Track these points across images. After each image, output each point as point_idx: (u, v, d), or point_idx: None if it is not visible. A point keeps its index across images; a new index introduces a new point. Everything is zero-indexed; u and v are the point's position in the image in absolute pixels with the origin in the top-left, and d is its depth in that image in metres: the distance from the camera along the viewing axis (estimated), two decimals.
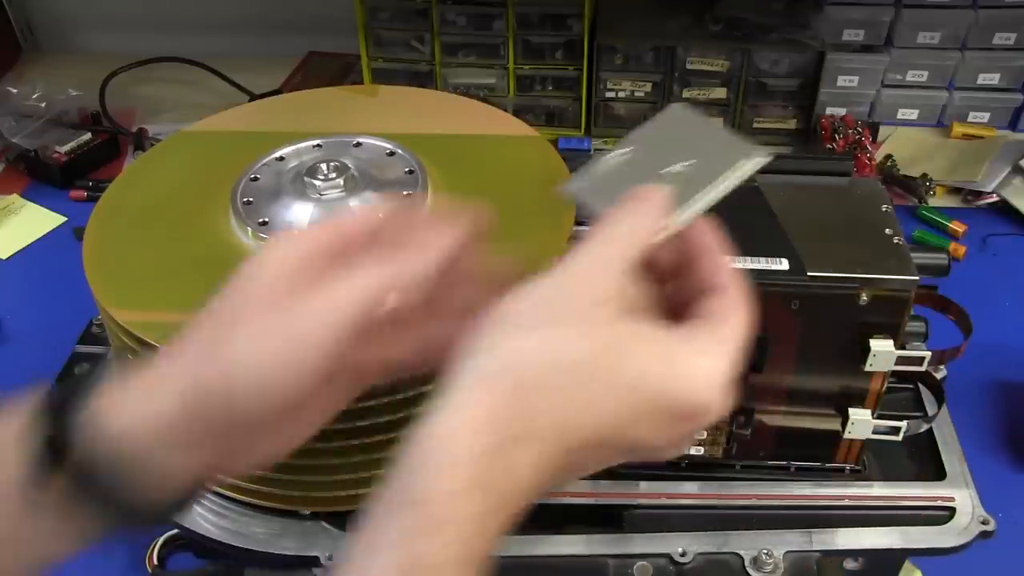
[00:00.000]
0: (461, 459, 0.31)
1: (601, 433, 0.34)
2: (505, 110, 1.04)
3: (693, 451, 0.55)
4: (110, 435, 0.36)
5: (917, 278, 0.49)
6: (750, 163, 0.40)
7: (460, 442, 0.32)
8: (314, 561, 0.54)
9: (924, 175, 1.04)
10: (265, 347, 0.36)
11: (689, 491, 0.56)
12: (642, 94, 1.12)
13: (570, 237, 0.54)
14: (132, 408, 0.37)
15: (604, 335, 0.34)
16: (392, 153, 0.63)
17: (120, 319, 0.52)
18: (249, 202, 0.58)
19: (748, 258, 0.49)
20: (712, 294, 0.37)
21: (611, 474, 0.57)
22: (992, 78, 1.11)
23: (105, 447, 0.36)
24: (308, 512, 0.56)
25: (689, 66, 1.09)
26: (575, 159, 0.66)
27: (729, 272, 0.38)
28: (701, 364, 0.35)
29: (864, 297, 0.49)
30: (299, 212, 0.57)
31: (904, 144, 1.10)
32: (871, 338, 0.50)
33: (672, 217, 0.39)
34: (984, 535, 0.54)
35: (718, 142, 0.41)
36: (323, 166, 0.58)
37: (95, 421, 0.36)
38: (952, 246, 0.97)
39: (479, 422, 0.32)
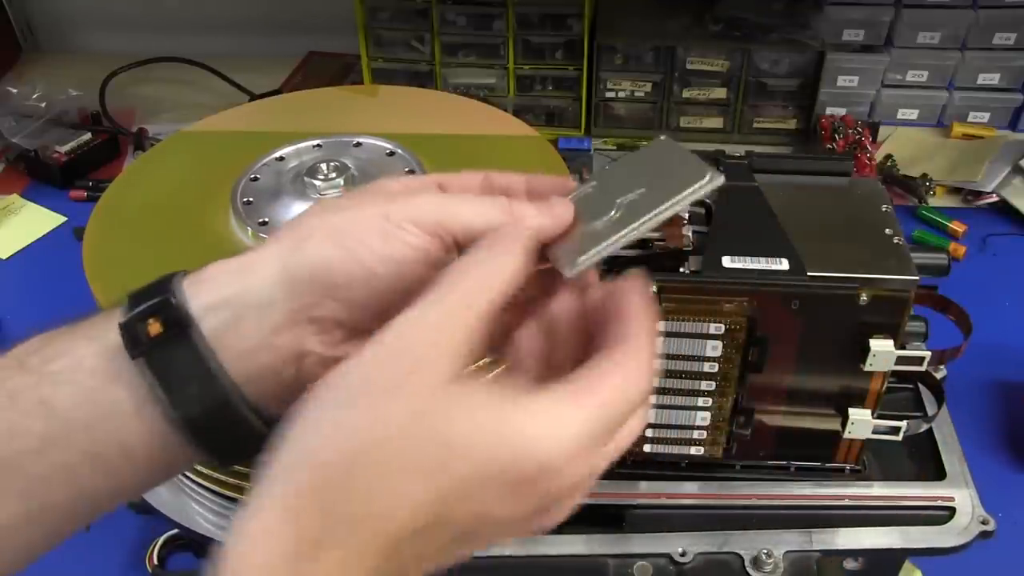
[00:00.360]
0: (257, 570, 0.29)
1: (422, 517, 0.30)
2: (505, 110, 1.04)
3: (693, 451, 0.56)
4: (203, 304, 0.36)
5: (917, 278, 0.49)
6: (693, 189, 0.38)
7: (257, 550, 0.29)
8: None
9: (924, 175, 1.04)
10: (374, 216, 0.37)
11: (689, 491, 0.56)
12: (642, 94, 1.12)
13: None
14: (227, 280, 0.37)
15: (420, 403, 0.30)
16: (392, 153, 0.63)
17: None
18: (249, 202, 0.58)
19: (748, 258, 0.49)
20: (601, 352, 0.34)
21: (611, 474, 0.57)
22: (992, 78, 1.11)
23: (199, 318, 0.36)
24: None
25: (689, 66, 1.09)
26: (575, 159, 0.66)
27: (631, 331, 0.35)
28: (541, 423, 0.31)
29: (864, 297, 0.49)
30: (299, 212, 0.56)
31: (904, 144, 1.10)
32: (871, 338, 0.50)
33: (573, 260, 0.37)
34: (984, 535, 0.54)
35: (678, 168, 0.40)
36: (323, 166, 0.58)
37: (184, 292, 0.37)
38: (952, 246, 0.97)
39: (274, 526, 0.29)
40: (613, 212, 0.39)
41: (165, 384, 0.36)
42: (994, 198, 1.03)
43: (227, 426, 0.36)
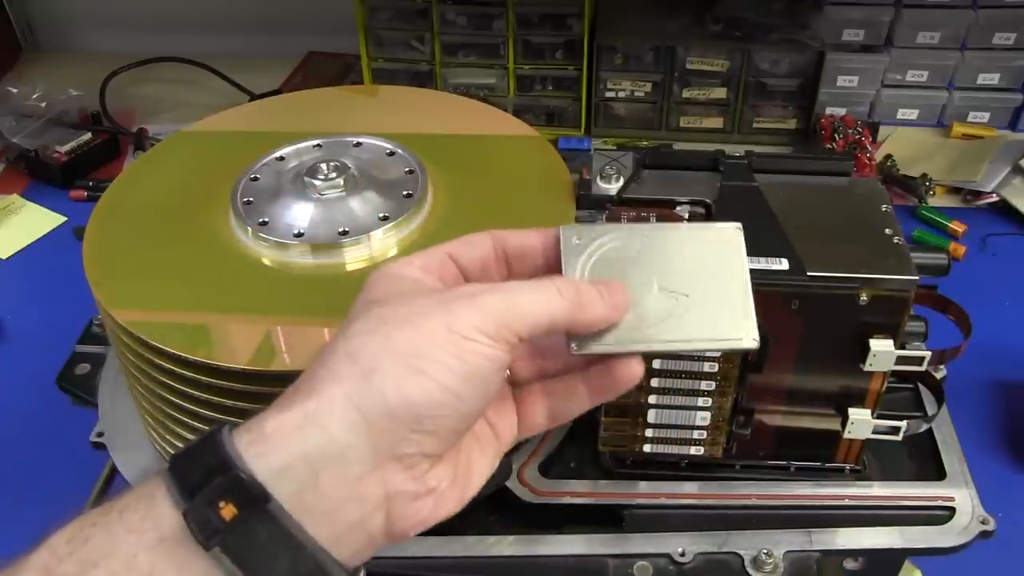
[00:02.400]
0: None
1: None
2: (505, 110, 1.04)
3: (693, 451, 0.55)
4: (273, 469, 0.33)
5: (917, 278, 0.49)
6: (724, 343, 0.39)
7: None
8: None
9: (924, 175, 1.04)
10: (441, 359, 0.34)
11: (689, 491, 0.56)
12: (642, 94, 1.12)
13: None
14: (293, 435, 0.33)
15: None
16: (392, 153, 0.63)
17: (120, 319, 0.52)
18: (249, 202, 0.58)
19: (748, 258, 0.49)
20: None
21: (611, 474, 0.57)
22: (992, 78, 1.11)
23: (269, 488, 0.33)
24: None
25: (689, 66, 1.09)
26: (575, 159, 0.66)
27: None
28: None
29: (864, 297, 0.49)
30: (299, 212, 0.57)
31: (904, 144, 1.10)
32: (871, 338, 0.50)
33: (587, 341, 0.38)
34: (984, 535, 0.54)
35: (724, 300, 0.39)
36: (323, 166, 0.58)
37: (245, 457, 0.33)
38: (952, 246, 0.97)
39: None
40: (643, 296, 0.39)
41: (249, 569, 0.32)
42: (994, 198, 1.03)
43: None
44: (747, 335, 0.38)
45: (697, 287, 0.39)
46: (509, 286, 0.37)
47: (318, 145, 0.63)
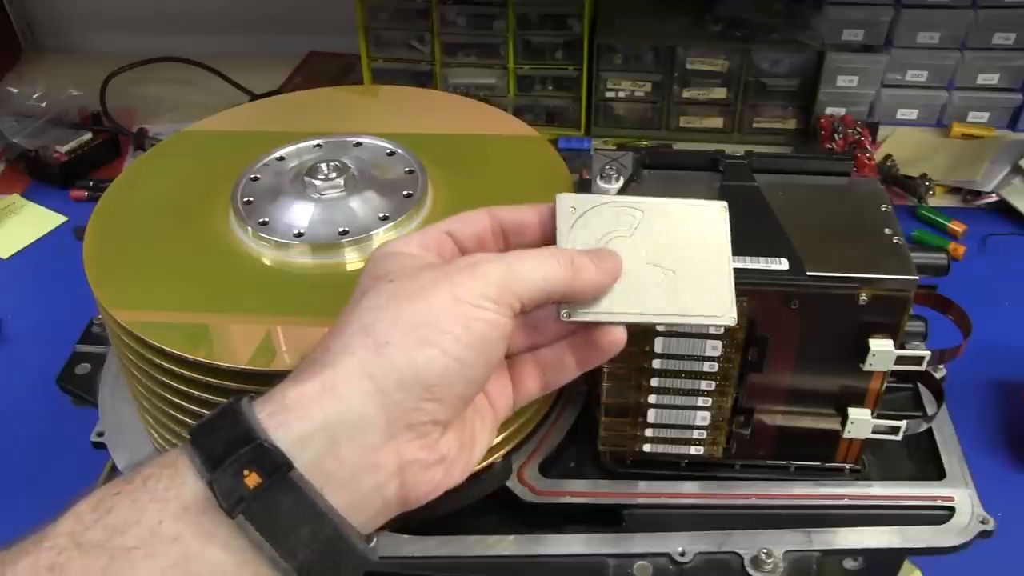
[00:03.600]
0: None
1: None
2: (505, 110, 1.04)
3: (693, 451, 0.56)
4: (295, 437, 0.34)
5: (917, 278, 0.49)
6: (707, 319, 0.41)
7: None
8: None
9: (924, 175, 1.04)
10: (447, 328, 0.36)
11: (689, 491, 0.56)
12: (642, 94, 1.12)
13: None
14: (312, 405, 0.35)
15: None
16: (392, 153, 0.63)
17: (120, 319, 0.52)
18: (249, 202, 0.58)
19: (748, 258, 0.49)
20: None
21: (611, 474, 0.57)
22: (992, 78, 1.11)
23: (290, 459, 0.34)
24: None
25: (689, 66, 1.09)
26: (575, 159, 0.66)
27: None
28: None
29: (864, 297, 0.49)
30: (299, 212, 0.57)
31: (904, 144, 1.10)
32: (871, 338, 0.50)
33: (574, 307, 0.40)
34: (984, 535, 0.54)
35: (709, 277, 0.42)
36: (323, 166, 0.58)
37: (267, 427, 0.34)
38: (952, 246, 0.97)
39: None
40: (633, 268, 0.41)
41: (273, 536, 0.33)
42: (994, 198, 1.03)
43: (341, 559, 0.34)
44: (727, 314, 0.41)
45: (684, 263, 0.41)
46: (508, 255, 0.39)
47: (318, 145, 0.63)
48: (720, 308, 0.41)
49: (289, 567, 0.33)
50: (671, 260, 0.41)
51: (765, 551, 0.52)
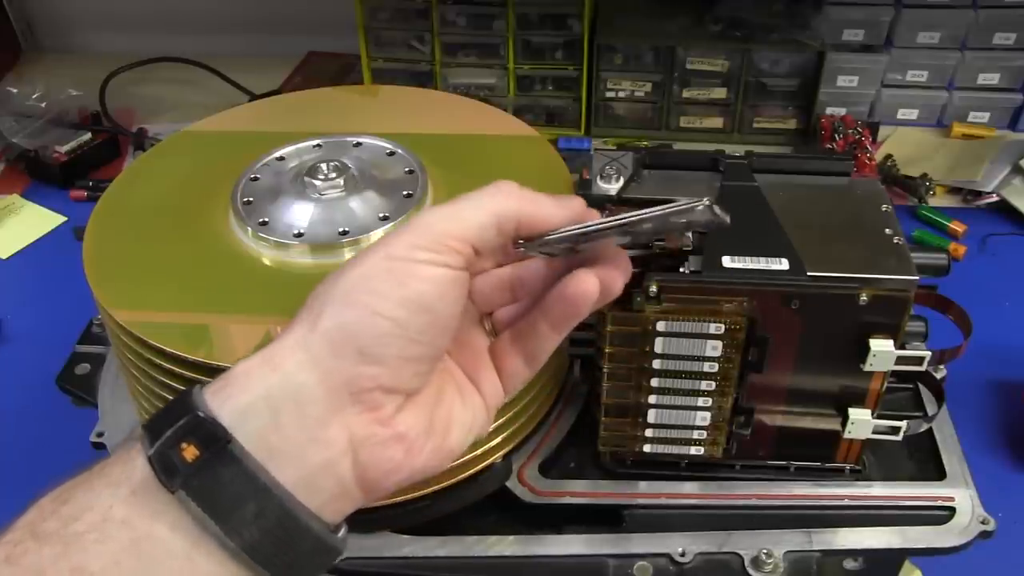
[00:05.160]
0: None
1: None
2: (505, 110, 1.04)
3: (693, 451, 0.55)
4: (234, 410, 0.33)
5: (917, 278, 0.49)
6: (682, 208, 0.35)
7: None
8: None
9: (924, 175, 1.04)
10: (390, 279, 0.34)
11: (689, 491, 0.56)
12: (642, 94, 1.12)
13: None
14: (252, 378, 0.34)
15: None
16: (392, 153, 0.63)
17: (120, 319, 0.52)
18: (249, 202, 0.58)
19: (748, 258, 0.49)
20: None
21: (611, 474, 0.57)
22: (992, 78, 1.11)
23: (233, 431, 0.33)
24: None
25: (689, 66, 1.09)
26: (575, 159, 0.66)
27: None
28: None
29: (864, 297, 0.49)
30: (299, 212, 0.57)
31: (904, 144, 1.10)
32: (871, 338, 0.50)
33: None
34: (984, 535, 0.54)
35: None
36: (323, 166, 0.58)
37: (209, 403, 0.33)
38: (952, 246, 0.97)
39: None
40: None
41: (215, 512, 0.32)
42: (994, 198, 1.03)
43: (292, 541, 0.33)
44: (702, 201, 0.35)
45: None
46: (455, 200, 0.37)
47: (318, 145, 0.63)
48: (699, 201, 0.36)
49: (236, 546, 0.32)
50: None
51: (765, 551, 0.52)
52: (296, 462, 0.33)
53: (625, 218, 0.36)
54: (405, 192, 0.59)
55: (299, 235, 0.55)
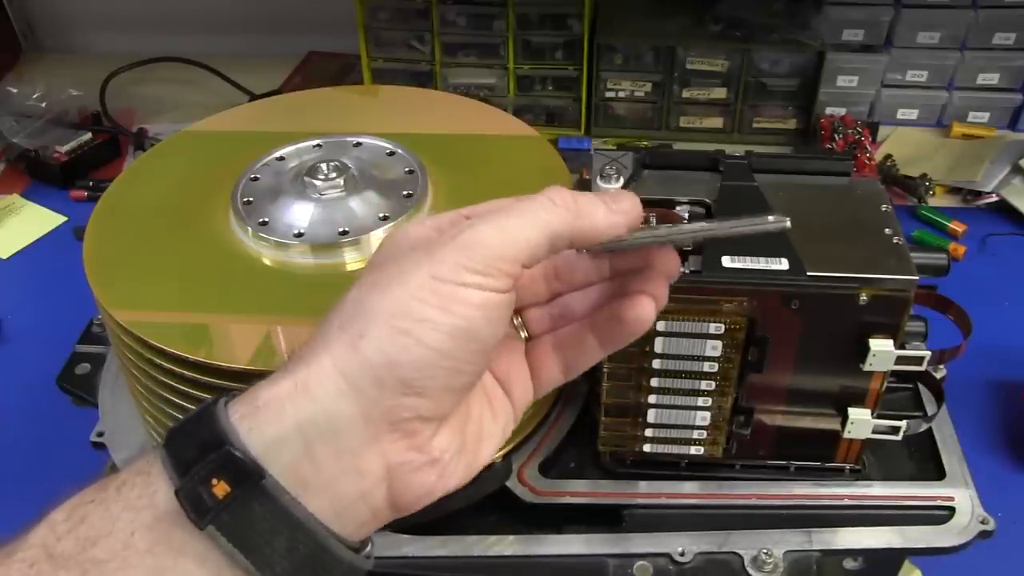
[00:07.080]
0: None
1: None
2: (505, 110, 1.04)
3: (693, 451, 0.55)
4: (267, 441, 0.32)
5: (917, 278, 0.49)
6: (757, 226, 0.35)
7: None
8: None
9: (924, 175, 1.04)
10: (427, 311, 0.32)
11: (689, 491, 0.56)
12: (642, 94, 1.12)
13: None
14: (284, 406, 0.32)
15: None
16: (392, 153, 0.63)
17: (120, 319, 0.52)
18: (249, 202, 0.58)
19: (748, 258, 0.49)
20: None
21: (611, 474, 0.57)
22: (992, 78, 1.11)
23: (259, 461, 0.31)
24: None
25: (689, 66, 1.09)
26: (575, 159, 0.66)
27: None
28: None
29: (864, 297, 0.49)
30: (299, 212, 0.57)
31: (904, 144, 1.10)
32: (871, 338, 0.50)
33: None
34: (984, 535, 0.54)
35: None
36: (323, 166, 0.58)
37: (238, 430, 0.32)
38: (952, 246, 0.97)
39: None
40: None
41: (245, 547, 0.31)
42: (994, 198, 1.03)
43: (324, 571, 0.32)
44: (776, 216, 0.35)
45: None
46: (499, 209, 0.34)
47: (318, 145, 0.63)
48: (768, 216, 0.35)
49: None
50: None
51: (765, 551, 0.52)
52: (330, 494, 0.32)
53: (696, 231, 0.36)
54: (405, 192, 0.59)
55: (299, 235, 0.56)
